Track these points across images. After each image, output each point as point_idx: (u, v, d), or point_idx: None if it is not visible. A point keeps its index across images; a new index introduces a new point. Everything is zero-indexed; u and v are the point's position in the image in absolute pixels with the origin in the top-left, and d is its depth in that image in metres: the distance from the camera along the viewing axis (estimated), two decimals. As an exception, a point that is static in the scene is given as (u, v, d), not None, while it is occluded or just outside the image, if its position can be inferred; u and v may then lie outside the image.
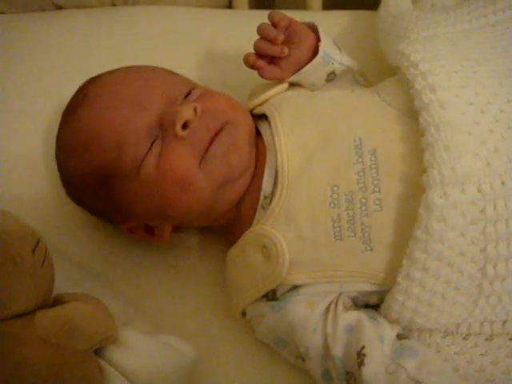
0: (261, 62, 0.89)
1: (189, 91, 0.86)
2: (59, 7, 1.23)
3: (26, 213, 0.82)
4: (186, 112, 0.80)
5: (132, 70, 0.89)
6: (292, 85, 0.92)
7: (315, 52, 0.90)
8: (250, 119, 0.87)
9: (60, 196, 0.94)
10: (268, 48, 0.88)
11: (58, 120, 0.91)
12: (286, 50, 0.87)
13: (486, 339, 0.78)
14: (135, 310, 0.88)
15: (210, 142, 0.81)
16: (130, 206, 0.83)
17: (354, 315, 0.77)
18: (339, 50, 0.94)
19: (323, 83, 0.93)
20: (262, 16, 1.17)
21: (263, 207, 0.82)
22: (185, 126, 0.79)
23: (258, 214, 0.82)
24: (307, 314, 0.78)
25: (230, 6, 1.23)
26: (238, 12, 1.21)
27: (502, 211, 0.70)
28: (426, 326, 0.78)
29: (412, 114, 0.77)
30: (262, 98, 0.90)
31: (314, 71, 0.91)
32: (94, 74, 1.09)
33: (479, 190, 0.70)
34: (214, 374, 0.85)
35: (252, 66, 0.89)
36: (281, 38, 0.87)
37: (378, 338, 0.74)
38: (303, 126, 0.83)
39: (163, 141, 0.80)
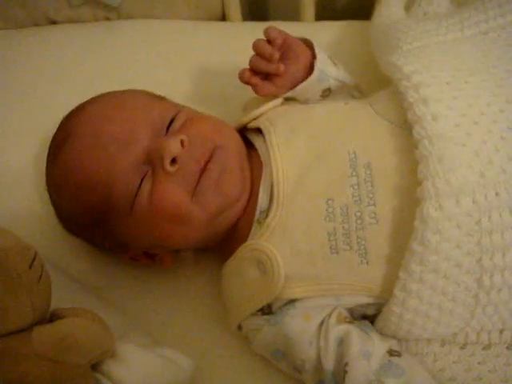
0: (255, 79, 0.89)
1: (172, 117, 0.84)
2: (53, 22, 1.23)
3: (23, 228, 0.82)
4: (174, 147, 0.79)
5: (113, 102, 0.87)
6: (286, 99, 0.92)
7: (311, 68, 0.90)
8: (238, 140, 0.87)
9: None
10: (264, 65, 0.88)
11: (52, 134, 0.91)
12: (281, 68, 0.88)
13: (484, 348, 0.78)
14: (133, 324, 0.88)
15: (201, 174, 0.80)
16: (127, 239, 0.84)
17: (344, 328, 0.77)
18: (335, 65, 0.94)
19: (318, 99, 0.93)
20: (255, 28, 1.18)
21: (259, 222, 0.82)
22: (173, 160, 0.79)
23: (253, 228, 0.82)
24: (303, 328, 0.78)
25: (223, 18, 1.23)
26: (232, 24, 1.22)
27: (496, 222, 0.70)
28: (423, 337, 0.78)
29: (406, 126, 0.77)
30: (256, 112, 0.90)
31: (309, 88, 0.91)
32: (88, 89, 1.09)
33: (474, 202, 0.70)
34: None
35: (247, 83, 0.90)
36: (276, 56, 0.87)
37: (363, 354, 0.75)
38: (298, 141, 0.83)
39: (153, 176, 0.80)
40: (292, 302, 0.79)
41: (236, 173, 0.83)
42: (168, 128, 0.83)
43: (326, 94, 0.93)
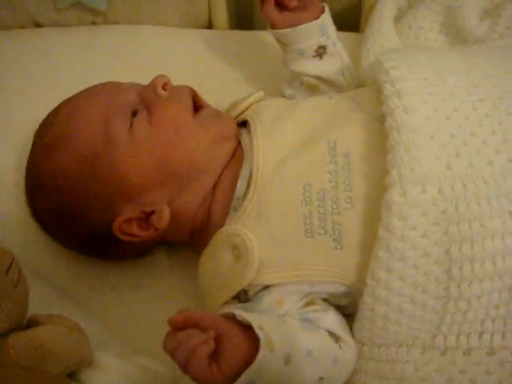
0: None
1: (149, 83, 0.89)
2: (39, 25, 1.23)
3: (1, 233, 0.81)
4: (162, 77, 0.86)
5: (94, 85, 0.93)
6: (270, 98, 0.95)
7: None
8: None
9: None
10: None
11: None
12: (294, 2, 0.91)
13: (464, 354, 0.77)
14: (110, 332, 0.87)
15: (193, 98, 0.88)
16: (125, 182, 0.82)
17: (307, 311, 0.78)
18: (337, 36, 0.97)
19: (311, 55, 0.95)
20: (241, 37, 1.20)
21: (235, 209, 0.83)
22: (163, 89, 0.85)
23: (229, 215, 0.83)
24: (275, 311, 0.78)
25: (209, 26, 1.23)
26: (218, 32, 1.22)
27: (463, 212, 0.71)
28: (400, 336, 0.78)
29: (383, 120, 0.79)
30: (241, 106, 0.92)
31: (308, 34, 0.93)
32: (73, 93, 1.09)
33: (440, 191, 0.71)
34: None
35: None
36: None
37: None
38: (281, 130, 0.85)
39: (148, 106, 0.85)
40: (268, 288, 0.79)
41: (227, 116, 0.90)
42: None
43: (321, 52, 0.95)
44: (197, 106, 0.89)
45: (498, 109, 0.77)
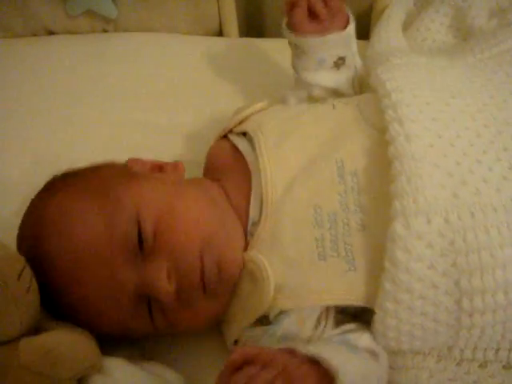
0: (302, 2, 0.89)
1: (138, 229, 0.74)
2: (51, 33, 1.24)
3: (12, 240, 0.81)
4: (163, 287, 0.73)
5: (87, 200, 0.76)
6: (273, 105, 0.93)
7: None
8: (217, 209, 0.82)
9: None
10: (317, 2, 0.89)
11: (47, 146, 0.89)
12: (325, 13, 0.88)
13: (480, 366, 0.76)
14: (120, 339, 0.87)
15: (201, 278, 0.76)
16: None
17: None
18: (356, 46, 0.95)
19: (330, 66, 0.93)
20: (251, 44, 1.20)
21: (251, 234, 0.81)
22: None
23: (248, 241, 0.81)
24: (298, 331, 0.77)
25: (220, 33, 1.24)
26: (228, 40, 1.22)
27: (472, 242, 0.69)
28: (416, 348, 0.77)
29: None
30: (243, 114, 0.89)
31: (333, 45, 0.91)
32: (84, 100, 1.11)
33: (446, 221, 0.69)
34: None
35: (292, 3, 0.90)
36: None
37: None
38: (287, 148, 0.82)
39: (157, 306, 0.76)
40: (286, 311, 0.78)
41: (231, 251, 0.79)
42: (141, 245, 0.74)
43: (340, 63, 0.93)
44: None
45: (502, 135, 0.75)
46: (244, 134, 0.88)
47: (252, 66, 1.17)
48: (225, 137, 0.91)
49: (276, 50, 1.15)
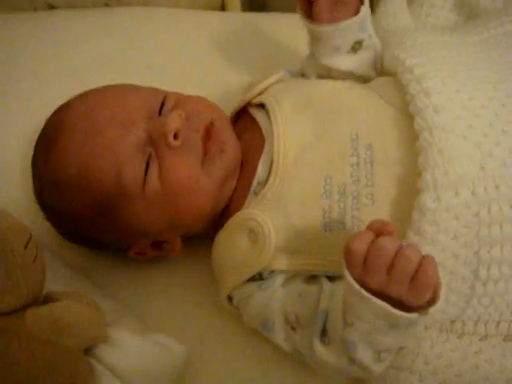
0: None
1: (162, 100, 0.85)
2: (52, 7, 1.23)
3: (18, 212, 0.81)
4: (174, 122, 0.79)
5: (102, 92, 0.86)
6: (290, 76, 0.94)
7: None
8: (226, 116, 0.90)
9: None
10: None
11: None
12: None
13: (481, 339, 0.78)
14: (125, 309, 0.87)
15: (204, 143, 0.81)
16: (138, 227, 0.82)
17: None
18: (372, 27, 0.92)
19: (346, 51, 0.90)
20: (254, 18, 1.19)
21: (255, 193, 0.82)
22: (175, 136, 0.79)
23: (248, 199, 0.82)
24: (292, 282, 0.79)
25: (222, 8, 1.23)
26: (231, 14, 1.22)
27: (496, 215, 0.71)
28: None
29: (409, 113, 0.77)
30: (260, 86, 0.90)
31: (347, 31, 0.88)
32: (86, 74, 1.10)
33: (473, 194, 0.71)
34: (205, 372, 0.85)
35: None
36: None
37: None
38: (302, 118, 0.83)
39: (158, 155, 0.80)
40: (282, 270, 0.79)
41: (235, 139, 0.85)
42: (160, 110, 0.83)
43: (357, 47, 0.91)
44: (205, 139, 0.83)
45: None
46: (261, 105, 0.89)
47: (254, 40, 1.16)
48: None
49: (278, 24, 1.15)
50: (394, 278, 0.64)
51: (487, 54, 0.84)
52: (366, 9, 0.88)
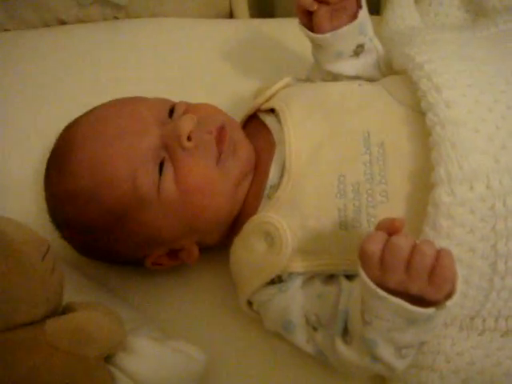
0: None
1: (171, 107, 0.86)
2: (63, 22, 1.25)
3: (35, 223, 0.82)
4: (186, 124, 0.80)
5: (109, 103, 0.88)
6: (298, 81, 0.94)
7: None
8: (236, 121, 0.91)
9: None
10: None
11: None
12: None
13: (502, 336, 0.77)
14: (144, 317, 0.88)
15: (218, 144, 0.82)
16: (155, 233, 0.83)
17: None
18: (372, 29, 0.94)
19: (349, 55, 0.92)
20: (262, 25, 1.20)
21: (269, 197, 0.82)
22: (188, 138, 0.80)
23: (262, 203, 0.83)
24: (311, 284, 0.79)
25: (230, 15, 1.24)
26: (239, 21, 1.22)
27: (511, 207, 0.70)
28: None
29: (420, 110, 0.77)
30: (268, 92, 0.91)
31: (347, 37, 0.90)
32: (96, 88, 1.11)
33: (488, 187, 0.70)
34: (225, 379, 0.85)
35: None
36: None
37: None
38: (312, 120, 0.83)
39: (173, 158, 0.81)
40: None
41: (247, 142, 0.86)
42: (170, 117, 0.85)
43: (359, 50, 0.92)
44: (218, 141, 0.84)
45: None
46: (271, 110, 0.90)
47: (264, 47, 1.17)
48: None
49: (287, 30, 1.15)
50: (413, 275, 0.64)
51: (498, 48, 0.84)
52: (364, 13, 0.90)
